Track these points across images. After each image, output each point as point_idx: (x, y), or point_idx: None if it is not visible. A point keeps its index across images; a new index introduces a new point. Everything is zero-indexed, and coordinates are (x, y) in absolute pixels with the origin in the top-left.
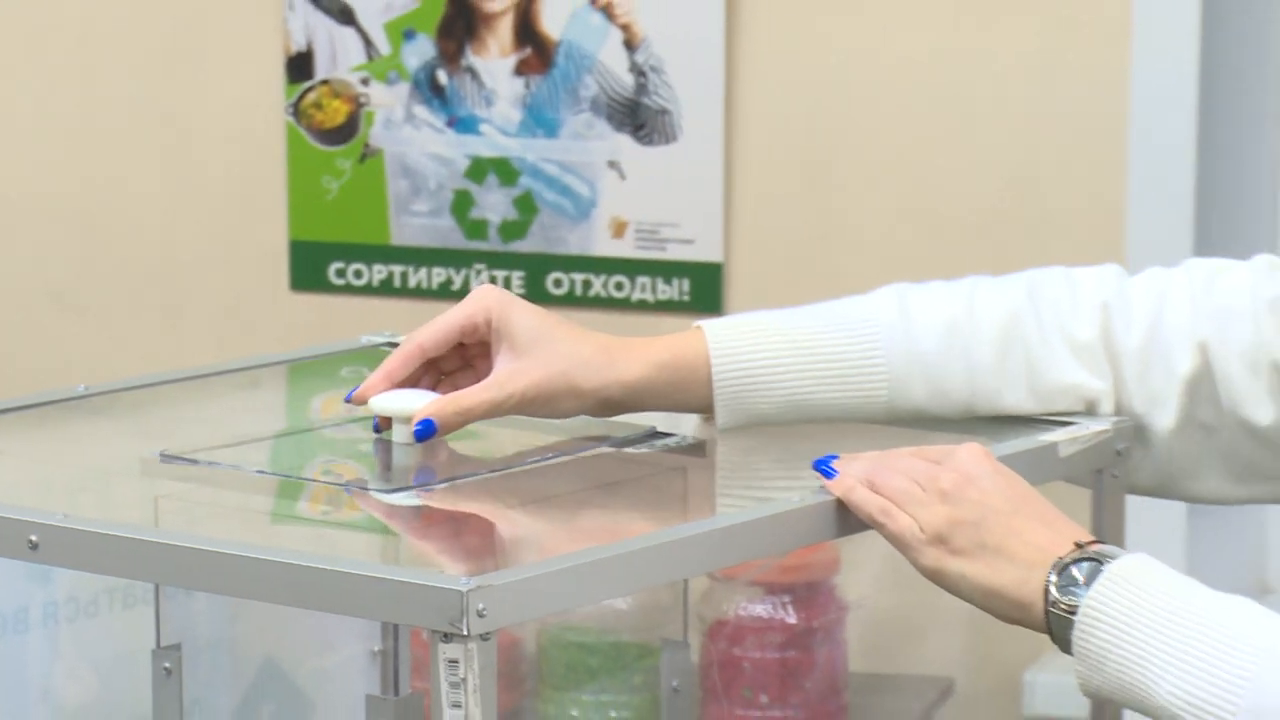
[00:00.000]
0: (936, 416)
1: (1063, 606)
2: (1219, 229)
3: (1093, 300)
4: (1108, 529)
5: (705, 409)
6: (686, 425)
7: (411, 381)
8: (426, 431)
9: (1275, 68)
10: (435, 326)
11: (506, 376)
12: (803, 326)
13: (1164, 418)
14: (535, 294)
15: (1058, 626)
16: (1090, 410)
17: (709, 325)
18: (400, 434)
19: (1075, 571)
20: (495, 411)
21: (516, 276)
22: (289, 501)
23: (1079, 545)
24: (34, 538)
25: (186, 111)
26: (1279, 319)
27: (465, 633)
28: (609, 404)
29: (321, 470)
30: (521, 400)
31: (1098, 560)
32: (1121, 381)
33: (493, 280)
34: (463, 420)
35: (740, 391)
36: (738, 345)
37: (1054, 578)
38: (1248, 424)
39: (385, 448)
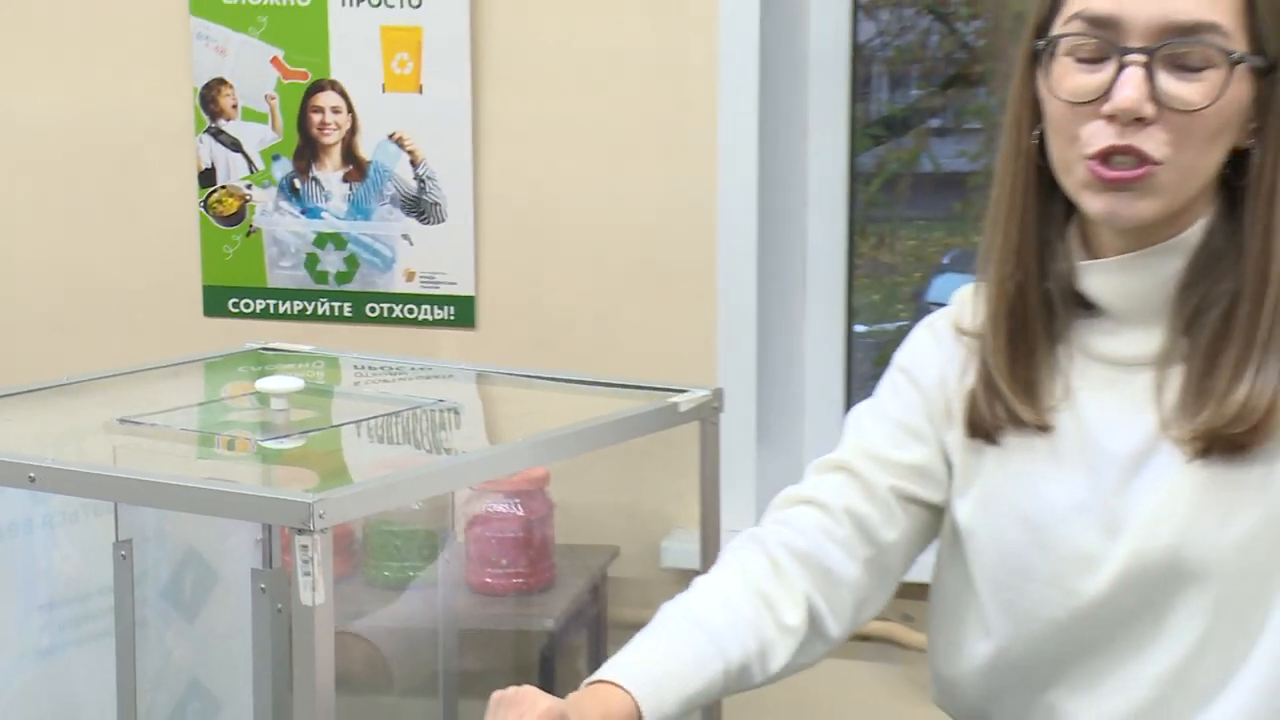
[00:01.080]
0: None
1: None
2: (772, 278)
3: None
4: (707, 460)
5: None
6: (465, 398)
7: None
8: None
9: (799, 177)
10: None
11: None
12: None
13: (851, 572)
14: (359, 317)
15: None
16: (807, 614)
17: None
18: (276, 403)
19: None
20: None
21: (347, 306)
22: (203, 448)
23: None
24: (32, 474)
25: (137, 204)
26: (877, 467)
27: (312, 529)
28: None
29: (224, 427)
30: None
31: None
32: (819, 585)
33: (330, 309)
34: None
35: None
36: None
37: None
38: (884, 543)
39: (266, 412)
